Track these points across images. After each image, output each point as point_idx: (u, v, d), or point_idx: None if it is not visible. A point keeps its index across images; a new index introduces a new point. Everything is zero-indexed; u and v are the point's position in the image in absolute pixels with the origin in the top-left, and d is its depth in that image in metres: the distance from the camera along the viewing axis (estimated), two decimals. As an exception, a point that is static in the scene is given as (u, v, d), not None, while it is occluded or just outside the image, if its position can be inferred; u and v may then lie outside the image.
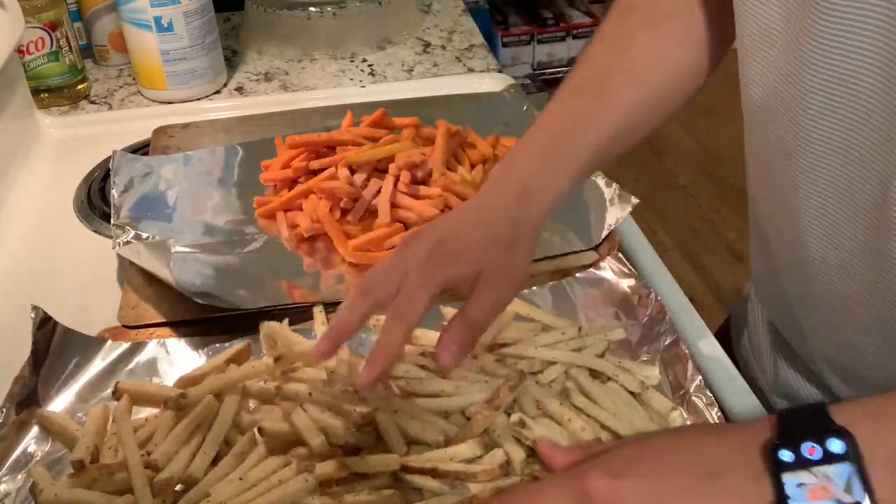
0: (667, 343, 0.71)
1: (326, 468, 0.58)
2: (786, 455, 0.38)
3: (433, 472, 0.59)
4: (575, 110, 0.66)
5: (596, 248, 0.85)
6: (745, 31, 0.58)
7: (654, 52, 0.67)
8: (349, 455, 0.61)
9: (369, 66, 1.29)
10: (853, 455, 0.37)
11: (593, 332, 0.72)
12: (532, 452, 0.61)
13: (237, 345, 0.72)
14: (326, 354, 0.59)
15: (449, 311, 0.75)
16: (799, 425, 0.39)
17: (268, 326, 0.72)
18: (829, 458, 0.37)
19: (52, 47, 1.16)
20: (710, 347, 0.75)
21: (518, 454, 0.60)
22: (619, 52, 0.68)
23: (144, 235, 0.86)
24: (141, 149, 1.06)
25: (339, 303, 0.76)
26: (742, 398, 0.70)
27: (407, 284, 0.57)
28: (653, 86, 0.67)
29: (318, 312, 0.74)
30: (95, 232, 0.93)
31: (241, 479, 0.59)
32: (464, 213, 0.65)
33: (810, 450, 0.37)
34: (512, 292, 0.62)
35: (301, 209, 0.89)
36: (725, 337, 0.85)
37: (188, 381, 0.67)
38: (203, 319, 0.76)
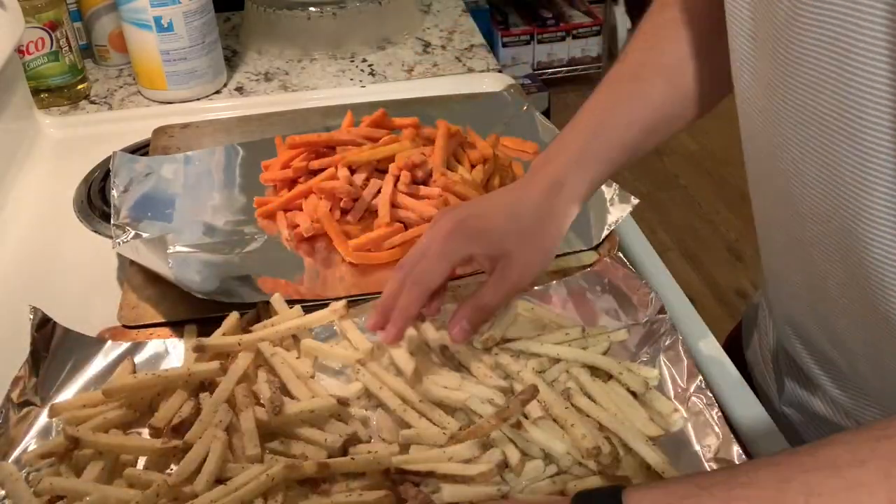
0: (667, 343, 0.71)
1: (308, 469, 0.58)
2: None
3: (429, 475, 0.59)
4: (608, 105, 0.69)
5: (596, 248, 0.85)
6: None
7: (684, 51, 0.69)
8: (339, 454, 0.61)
9: (369, 66, 1.29)
10: None
11: (596, 333, 0.72)
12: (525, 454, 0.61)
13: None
14: (377, 327, 0.67)
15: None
16: None
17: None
18: None
19: (52, 47, 1.16)
20: (710, 347, 0.75)
21: (514, 455, 0.60)
22: (650, 48, 0.70)
23: (144, 235, 0.86)
24: (141, 149, 1.06)
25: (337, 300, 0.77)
26: (742, 398, 0.70)
27: (428, 254, 0.64)
28: (684, 82, 0.69)
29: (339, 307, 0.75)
30: (95, 232, 0.93)
31: (226, 484, 0.58)
32: (494, 198, 0.70)
33: None
34: (527, 280, 0.66)
35: (301, 209, 0.89)
36: (737, 340, 0.85)
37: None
38: (203, 319, 0.76)
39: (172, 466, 0.63)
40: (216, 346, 0.70)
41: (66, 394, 0.69)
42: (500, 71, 1.26)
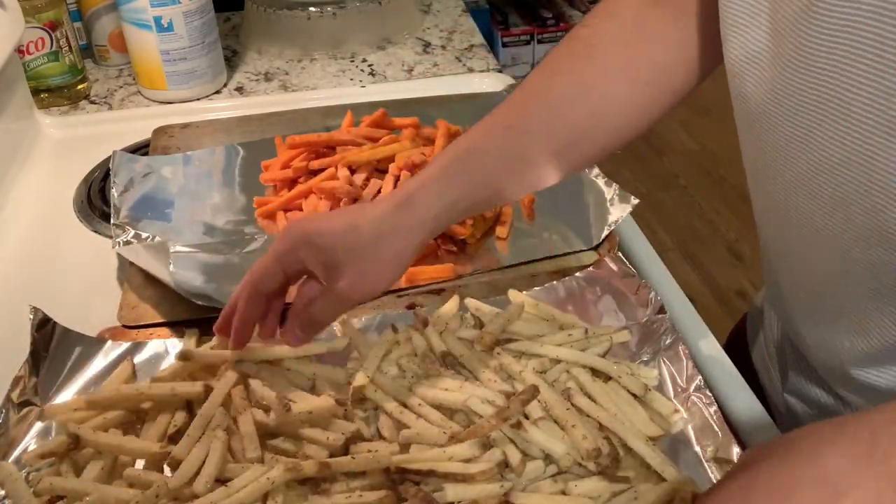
0: (667, 343, 0.71)
1: (308, 469, 0.58)
2: None
3: (430, 474, 0.59)
4: (482, 138, 0.66)
5: (596, 248, 0.85)
6: (731, 54, 0.58)
7: (579, 87, 0.66)
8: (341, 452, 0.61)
9: (369, 66, 1.29)
10: None
11: (599, 334, 0.72)
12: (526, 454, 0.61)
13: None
14: (220, 331, 0.67)
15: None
16: None
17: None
18: None
19: (52, 47, 1.16)
20: (710, 347, 0.75)
21: (515, 455, 0.60)
22: (543, 91, 0.67)
23: (144, 235, 0.86)
24: (141, 149, 1.06)
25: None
26: (742, 398, 0.70)
27: (264, 256, 0.63)
28: (571, 123, 0.66)
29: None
30: (95, 232, 0.93)
31: (226, 485, 0.58)
32: (343, 210, 0.67)
33: None
34: (361, 296, 0.63)
35: (301, 209, 0.89)
36: (740, 338, 0.85)
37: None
38: (203, 319, 0.76)
39: (172, 466, 0.63)
40: (203, 356, 0.69)
41: (66, 394, 0.69)
42: (500, 71, 1.26)
